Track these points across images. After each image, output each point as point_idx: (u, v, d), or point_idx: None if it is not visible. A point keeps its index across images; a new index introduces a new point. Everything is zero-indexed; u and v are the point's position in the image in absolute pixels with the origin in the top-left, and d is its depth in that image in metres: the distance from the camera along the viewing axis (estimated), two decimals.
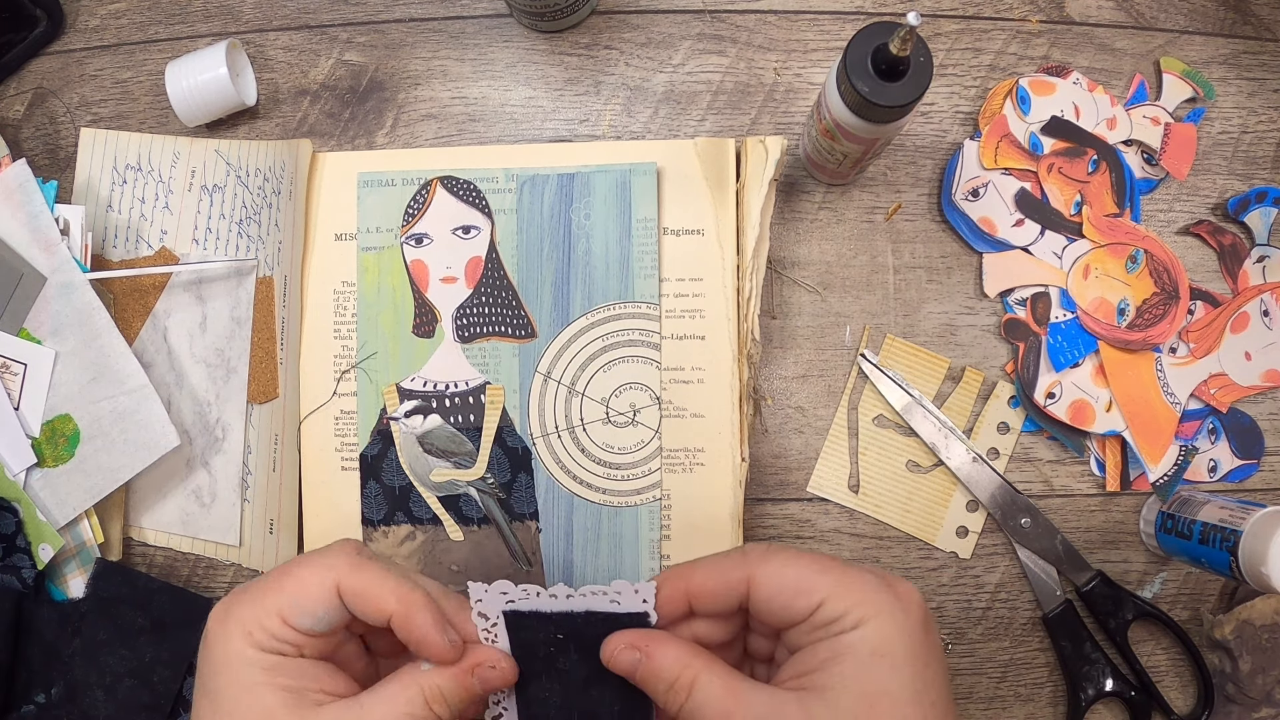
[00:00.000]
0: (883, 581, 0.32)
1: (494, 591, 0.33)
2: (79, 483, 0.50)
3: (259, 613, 0.32)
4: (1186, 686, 0.53)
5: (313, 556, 0.34)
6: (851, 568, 0.32)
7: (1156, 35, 0.56)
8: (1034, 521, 0.52)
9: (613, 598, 0.31)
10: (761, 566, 0.32)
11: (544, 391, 0.52)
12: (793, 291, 0.55)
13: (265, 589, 0.33)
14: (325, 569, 0.33)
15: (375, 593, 0.33)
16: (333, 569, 0.33)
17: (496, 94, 0.56)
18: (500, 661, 0.34)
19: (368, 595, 0.33)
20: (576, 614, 0.32)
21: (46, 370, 0.50)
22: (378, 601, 0.33)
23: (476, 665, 0.33)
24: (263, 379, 0.53)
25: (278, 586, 0.33)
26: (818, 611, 0.31)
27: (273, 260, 0.54)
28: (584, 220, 0.53)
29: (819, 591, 0.31)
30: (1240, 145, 0.55)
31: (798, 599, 0.31)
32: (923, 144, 0.55)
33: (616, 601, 0.31)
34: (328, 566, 0.33)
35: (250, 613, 0.32)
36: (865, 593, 0.31)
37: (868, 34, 0.42)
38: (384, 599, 0.33)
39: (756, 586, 0.32)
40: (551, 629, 0.33)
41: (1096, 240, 0.54)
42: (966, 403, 0.54)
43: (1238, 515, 0.46)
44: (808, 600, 0.31)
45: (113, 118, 0.57)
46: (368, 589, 0.33)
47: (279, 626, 0.32)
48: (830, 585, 0.31)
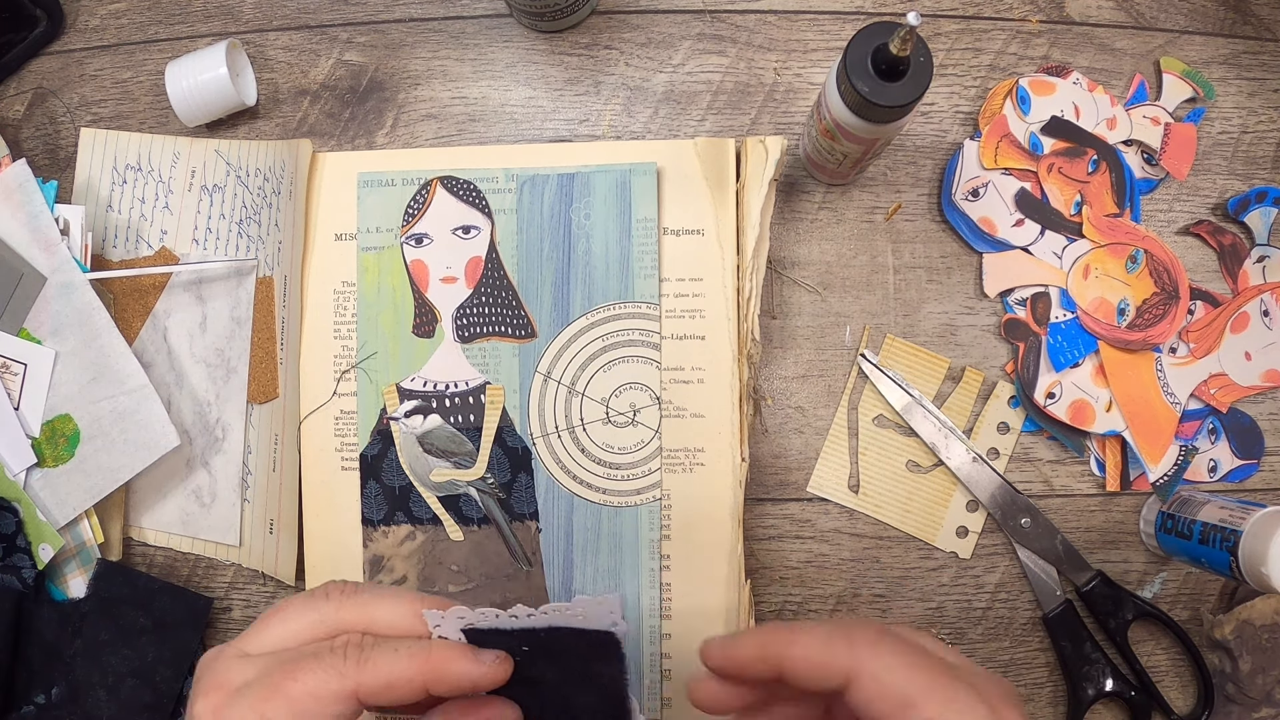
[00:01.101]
0: (989, 707, 0.30)
1: (450, 617, 0.31)
2: (79, 483, 0.50)
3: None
4: (1186, 686, 0.53)
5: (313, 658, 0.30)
6: (959, 682, 0.30)
7: (1156, 35, 0.56)
8: (1034, 521, 0.52)
9: (575, 612, 0.30)
10: (870, 662, 0.30)
11: (544, 391, 0.52)
12: (793, 291, 0.55)
13: (268, 695, 0.29)
14: (334, 673, 0.29)
15: (395, 685, 0.30)
16: (342, 671, 0.29)
17: (496, 94, 0.56)
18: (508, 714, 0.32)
19: (390, 691, 0.30)
20: (539, 630, 0.31)
21: (46, 370, 0.50)
22: (402, 693, 0.30)
23: None
24: (263, 379, 0.53)
25: (282, 694, 0.29)
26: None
27: (273, 260, 0.54)
28: (584, 220, 0.53)
29: (924, 709, 0.29)
30: (1240, 145, 0.55)
31: (902, 711, 0.29)
32: (923, 144, 0.55)
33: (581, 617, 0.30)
34: (335, 670, 0.29)
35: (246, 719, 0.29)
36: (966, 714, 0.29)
37: (868, 34, 0.42)
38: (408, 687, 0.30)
39: (859, 684, 0.30)
40: (515, 643, 0.32)
41: (1096, 240, 0.54)
42: (966, 403, 0.54)
43: (1238, 515, 0.46)
44: (912, 714, 0.29)
45: (113, 118, 0.57)
46: (387, 684, 0.30)
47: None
48: (937, 704, 0.29)
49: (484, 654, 0.31)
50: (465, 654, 0.31)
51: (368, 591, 0.32)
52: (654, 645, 0.51)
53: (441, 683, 0.30)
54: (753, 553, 0.53)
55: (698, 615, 0.51)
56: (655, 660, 0.51)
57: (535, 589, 0.52)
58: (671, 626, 0.51)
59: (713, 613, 0.51)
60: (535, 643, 0.31)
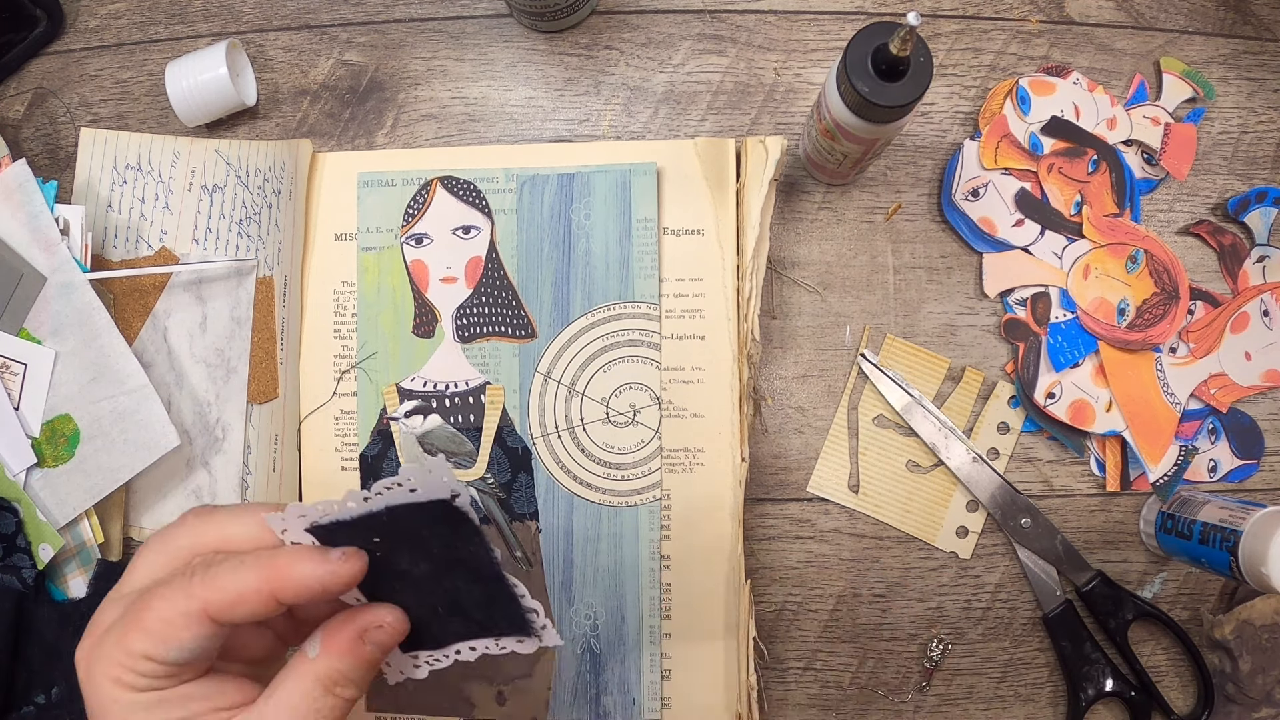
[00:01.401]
0: None
1: (291, 515, 0.30)
2: (79, 483, 0.50)
3: (122, 657, 0.29)
4: (1186, 686, 0.53)
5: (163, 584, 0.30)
6: None
7: (1156, 35, 0.56)
8: (1034, 521, 0.52)
9: (410, 486, 0.28)
10: None
11: (544, 391, 0.52)
12: (793, 291, 0.55)
13: (126, 629, 0.29)
14: (181, 594, 0.29)
15: (243, 597, 0.29)
16: (189, 591, 0.29)
17: (496, 94, 0.56)
18: (385, 616, 0.31)
19: (238, 605, 0.29)
20: (379, 514, 0.29)
21: (46, 370, 0.50)
22: (251, 605, 0.29)
23: (363, 632, 0.31)
24: (263, 379, 0.53)
25: (137, 624, 0.29)
26: None
27: (273, 260, 0.54)
28: (584, 220, 0.53)
29: None
30: (1240, 145, 0.55)
31: None
32: (923, 144, 0.55)
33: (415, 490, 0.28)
34: (183, 591, 0.29)
35: (114, 657, 0.29)
36: None
37: (868, 34, 0.42)
38: (256, 597, 0.29)
39: None
40: (365, 536, 0.30)
41: (1096, 240, 0.54)
42: (966, 403, 0.54)
43: (1238, 515, 0.46)
44: None
45: (113, 118, 0.57)
46: (234, 598, 0.29)
47: (147, 665, 0.29)
48: None
49: (330, 551, 0.30)
50: (309, 554, 0.29)
51: (221, 512, 0.32)
52: (654, 645, 0.51)
53: (288, 587, 0.29)
54: (753, 553, 0.53)
55: (698, 616, 0.51)
56: (655, 660, 0.51)
57: (535, 589, 0.52)
58: (671, 626, 0.51)
59: (713, 614, 0.51)
60: (384, 530, 0.30)
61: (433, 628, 0.32)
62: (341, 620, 0.31)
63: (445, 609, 0.32)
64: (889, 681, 0.53)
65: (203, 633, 0.29)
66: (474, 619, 0.32)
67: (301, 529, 0.30)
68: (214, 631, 0.29)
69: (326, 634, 0.31)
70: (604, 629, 0.51)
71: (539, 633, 0.32)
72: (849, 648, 0.53)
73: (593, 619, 0.52)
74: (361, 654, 0.31)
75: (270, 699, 0.30)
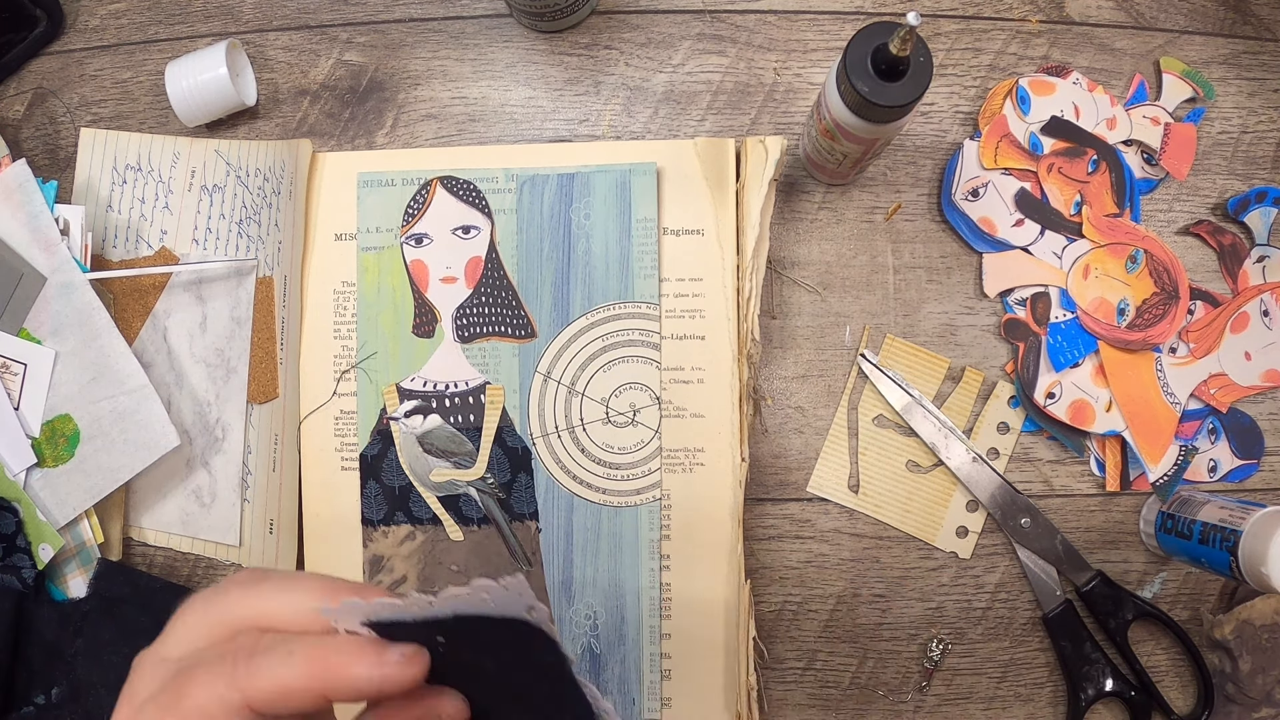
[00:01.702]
0: None
1: (345, 610, 0.27)
2: (79, 483, 0.50)
3: None
4: (1186, 686, 0.53)
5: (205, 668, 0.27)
6: None
7: (1156, 35, 0.56)
8: (1034, 521, 0.52)
9: (479, 598, 0.26)
10: None
11: (544, 391, 0.52)
12: (793, 291, 0.55)
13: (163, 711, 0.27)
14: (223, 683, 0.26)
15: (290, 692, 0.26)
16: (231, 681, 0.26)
17: (496, 94, 0.56)
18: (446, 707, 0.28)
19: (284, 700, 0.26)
20: (445, 619, 0.27)
21: (46, 370, 0.50)
22: (298, 701, 0.26)
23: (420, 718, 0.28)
24: (263, 379, 0.53)
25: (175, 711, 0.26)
26: None
27: (273, 260, 0.54)
28: (584, 220, 0.53)
29: None
30: (1240, 145, 0.55)
31: None
32: (923, 144, 0.55)
33: (489, 602, 0.26)
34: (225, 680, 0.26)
35: None
36: None
37: (868, 34, 0.42)
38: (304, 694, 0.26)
39: None
40: (429, 635, 0.28)
41: (1096, 240, 0.54)
42: (966, 403, 0.54)
43: (1238, 515, 0.46)
44: None
45: (113, 118, 0.57)
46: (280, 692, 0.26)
47: None
48: None
49: (390, 650, 0.27)
50: (365, 651, 0.27)
51: (269, 581, 0.29)
52: (654, 645, 0.51)
53: (340, 687, 0.26)
54: (753, 553, 0.53)
55: (698, 616, 0.51)
56: (655, 660, 0.51)
57: (535, 589, 0.52)
58: (671, 626, 0.51)
59: (713, 613, 0.51)
60: (450, 633, 0.27)
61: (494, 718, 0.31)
62: (399, 705, 0.29)
63: (509, 702, 0.30)
64: (889, 681, 0.53)
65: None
66: (541, 712, 0.30)
67: (356, 623, 0.28)
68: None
69: (380, 714, 0.29)
70: (604, 629, 0.51)
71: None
72: (849, 648, 0.53)
73: (593, 619, 0.52)
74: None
75: None
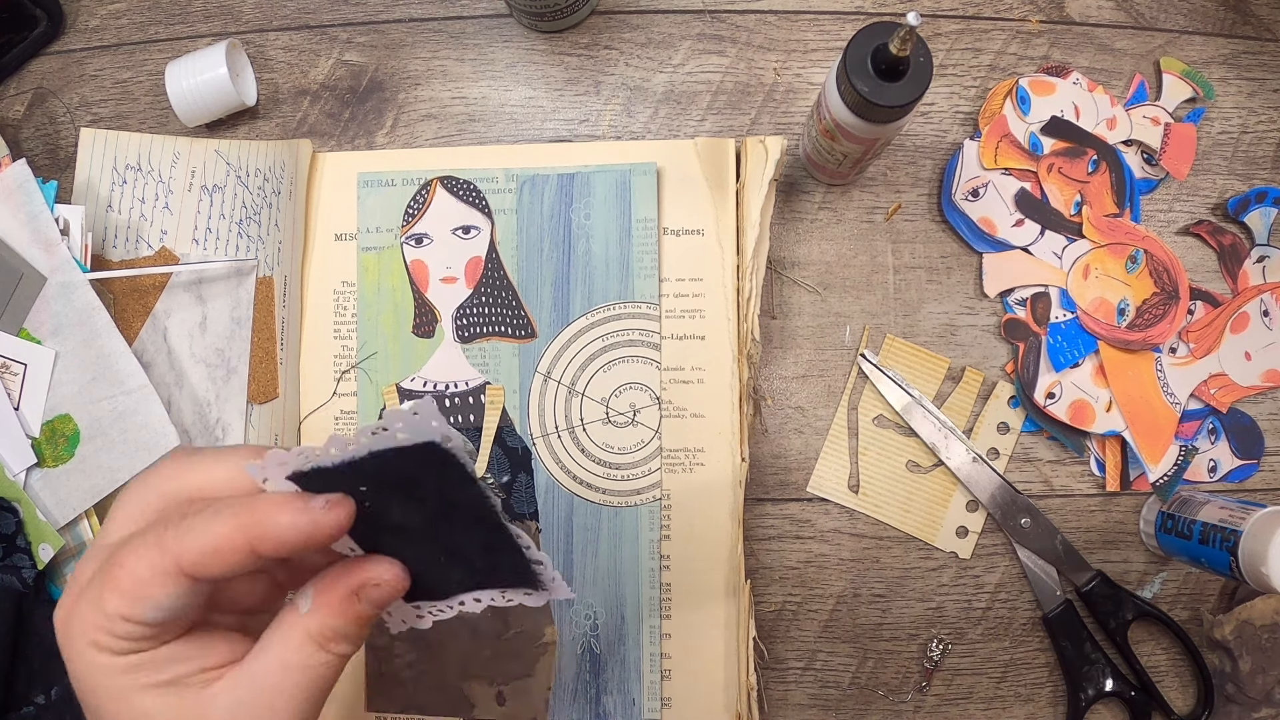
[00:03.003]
0: None
1: (271, 463, 0.27)
2: (79, 483, 0.50)
3: (99, 618, 0.27)
4: (1186, 686, 0.53)
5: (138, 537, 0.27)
6: None
7: (1156, 35, 0.56)
8: (1034, 521, 0.52)
9: (396, 429, 0.25)
10: None
11: (544, 391, 0.52)
12: (793, 291, 0.55)
13: (101, 588, 0.27)
14: (155, 549, 0.26)
15: (219, 550, 0.26)
16: (162, 546, 0.26)
17: (496, 94, 0.56)
18: (382, 572, 0.28)
19: (214, 559, 0.26)
20: (363, 460, 0.26)
21: (46, 370, 0.50)
22: (228, 559, 0.26)
23: (358, 589, 0.28)
24: (263, 379, 0.53)
25: (111, 583, 0.27)
26: None
27: (273, 260, 0.54)
28: (584, 220, 0.53)
29: None
30: (1240, 145, 0.55)
31: None
32: (923, 144, 0.55)
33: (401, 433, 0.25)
34: (156, 545, 0.26)
35: (90, 619, 0.27)
36: None
37: (868, 34, 0.43)
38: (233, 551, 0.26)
39: None
40: (351, 483, 0.27)
41: (1096, 240, 0.54)
42: (966, 403, 0.54)
43: (1238, 515, 0.46)
44: None
45: (113, 118, 0.57)
46: (209, 551, 0.26)
47: (125, 626, 0.27)
48: None
49: (313, 499, 0.27)
50: (289, 502, 0.27)
51: (204, 455, 0.29)
52: (654, 645, 0.51)
53: (267, 539, 0.26)
54: (753, 553, 0.53)
55: (698, 616, 0.51)
56: (655, 660, 0.51)
57: None
58: (671, 626, 0.51)
59: (713, 613, 0.51)
60: (372, 478, 0.27)
61: (433, 577, 0.30)
62: (335, 574, 0.29)
63: (446, 557, 0.30)
64: (889, 681, 0.53)
65: (179, 589, 0.27)
66: (476, 567, 0.30)
67: (283, 477, 0.27)
68: (192, 587, 0.27)
69: (319, 589, 0.29)
70: (604, 629, 0.51)
71: (548, 585, 0.30)
72: (849, 648, 0.53)
73: (593, 619, 0.52)
74: (356, 611, 0.29)
75: (260, 656, 0.28)
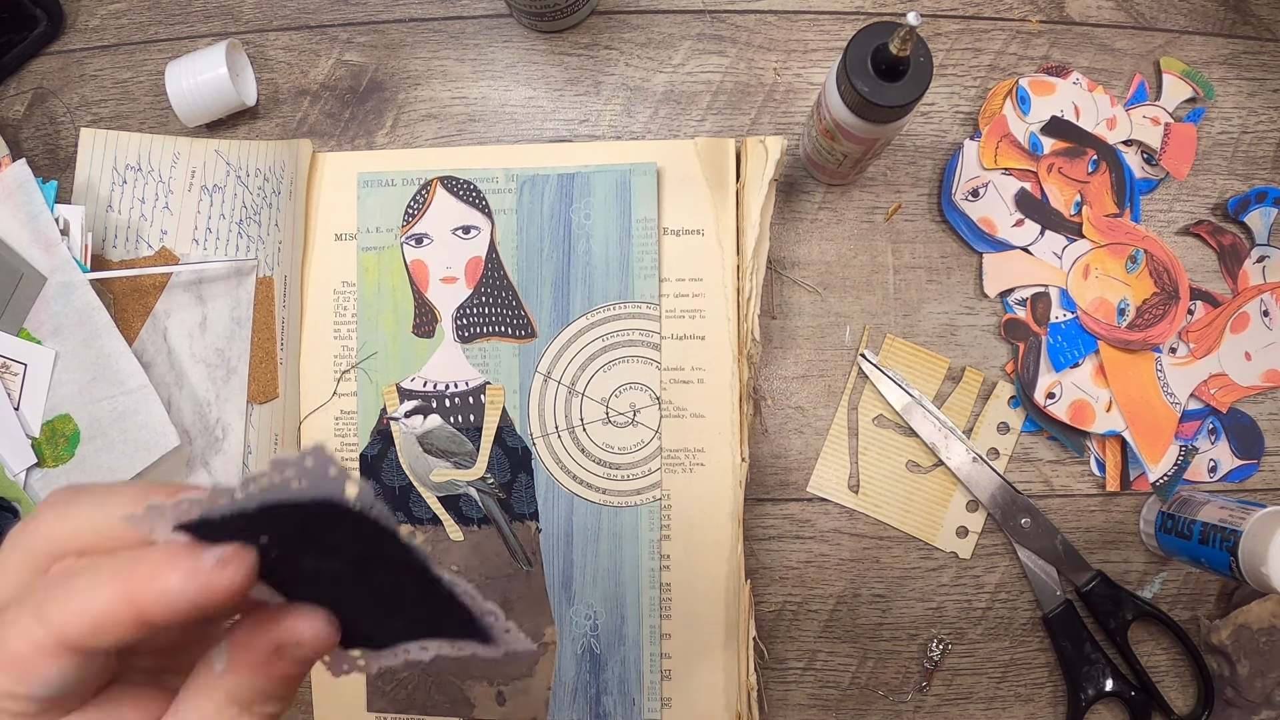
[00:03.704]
0: None
1: (153, 514, 0.23)
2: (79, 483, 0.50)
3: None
4: (1186, 687, 0.53)
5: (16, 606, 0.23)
6: None
7: (1156, 35, 0.56)
8: (1034, 521, 0.52)
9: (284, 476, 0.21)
10: None
11: (544, 391, 0.52)
12: (793, 291, 0.55)
13: None
14: (34, 621, 0.22)
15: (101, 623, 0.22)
16: (41, 617, 0.22)
17: (496, 94, 0.56)
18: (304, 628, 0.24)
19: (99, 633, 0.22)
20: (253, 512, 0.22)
21: (46, 370, 0.50)
22: (113, 631, 0.22)
23: (278, 647, 0.24)
24: (263, 379, 0.53)
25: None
26: None
27: (273, 260, 0.54)
28: (584, 220, 0.53)
29: None
30: (1240, 145, 0.55)
31: None
32: (923, 144, 0.55)
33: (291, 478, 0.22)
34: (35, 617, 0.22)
35: None
36: None
37: (868, 34, 0.42)
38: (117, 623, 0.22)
39: None
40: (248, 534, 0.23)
41: (1096, 240, 0.54)
42: (966, 403, 0.54)
43: (1238, 515, 0.46)
44: None
45: (113, 118, 0.57)
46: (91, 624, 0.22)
47: (16, 704, 0.23)
48: None
49: (204, 554, 0.22)
50: (176, 558, 0.22)
51: (81, 498, 0.25)
52: (654, 645, 0.51)
53: (155, 604, 0.22)
54: (753, 553, 0.53)
55: (698, 615, 0.51)
56: (655, 660, 0.51)
57: (535, 589, 0.52)
58: (671, 626, 0.51)
59: (713, 614, 0.51)
60: (270, 529, 0.23)
61: (370, 625, 0.26)
62: (252, 627, 0.24)
63: (381, 606, 0.26)
64: (889, 681, 0.53)
65: (67, 664, 0.23)
66: (417, 617, 0.26)
67: (168, 530, 0.23)
68: (84, 660, 0.23)
69: (234, 645, 0.24)
70: (604, 629, 0.51)
71: (499, 638, 0.26)
72: (849, 648, 0.53)
73: (593, 619, 0.52)
74: (277, 670, 0.24)
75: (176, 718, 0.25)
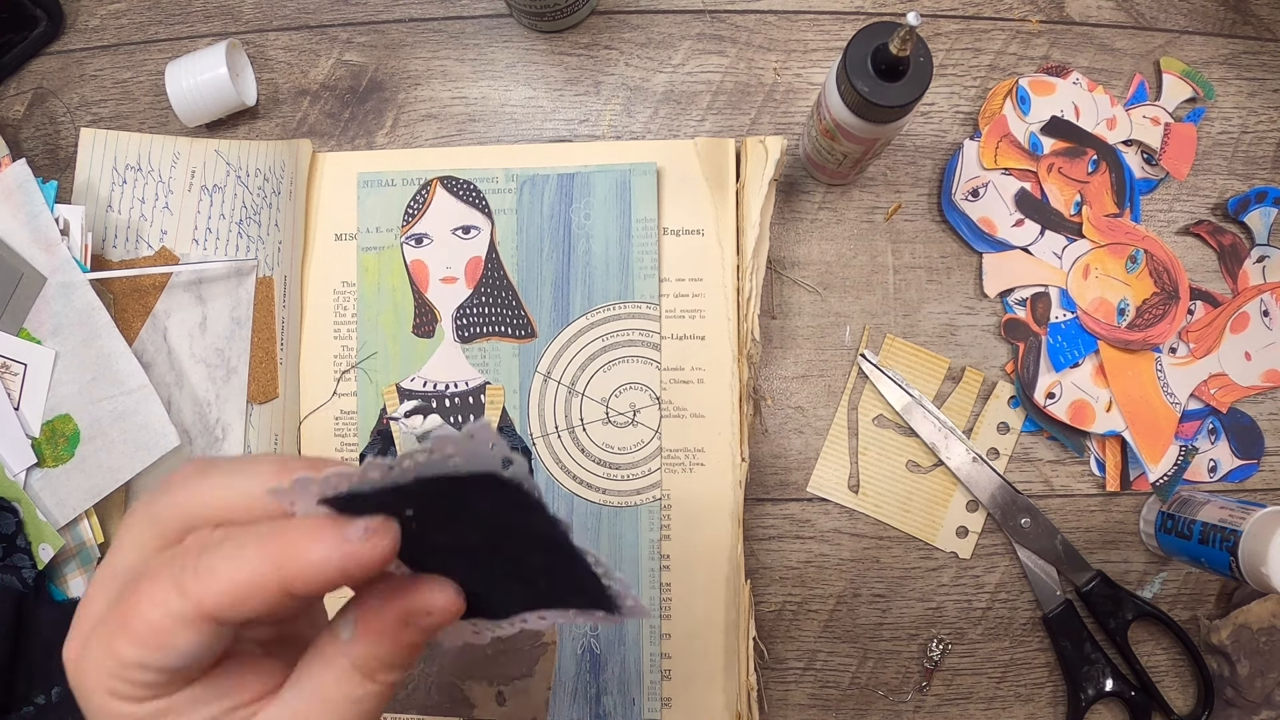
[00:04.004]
0: None
1: (298, 490, 0.23)
2: (79, 483, 0.50)
3: (113, 666, 0.23)
4: (1186, 687, 0.53)
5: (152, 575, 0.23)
6: None
7: (1156, 35, 0.56)
8: (1034, 521, 0.52)
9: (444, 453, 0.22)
10: None
11: (544, 391, 0.52)
12: (793, 291, 0.55)
13: (113, 632, 0.23)
14: (173, 591, 0.22)
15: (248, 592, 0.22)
16: (182, 588, 0.22)
17: (496, 94, 0.56)
18: (435, 598, 0.24)
19: (243, 603, 0.22)
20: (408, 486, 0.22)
21: (46, 370, 0.50)
22: (258, 601, 0.22)
23: (408, 616, 0.24)
24: (263, 379, 0.53)
25: (125, 629, 0.23)
26: None
27: (273, 260, 0.54)
28: (584, 220, 0.53)
29: None
30: (1240, 145, 0.55)
31: None
32: (923, 144, 0.55)
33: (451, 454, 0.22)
34: (174, 587, 0.23)
35: (104, 665, 0.23)
36: None
37: (868, 34, 0.42)
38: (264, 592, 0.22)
39: None
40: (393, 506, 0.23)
41: (1096, 240, 0.54)
42: (966, 403, 0.54)
43: (1238, 515, 0.46)
44: None
45: (113, 118, 0.57)
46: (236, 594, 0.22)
47: (143, 674, 0.23)
48: None
49: (350, 525, 0.23)
50: (323, 531, 0.22)
51: (216, 470, 0.25)
52: (654, 645, 0.51)
53: (300, 575, 0.22)
54: (753, 553, 0.53)
55: (698, 615, 0.51)
56: (655, 660, 0.51)
57: None
58: (671, 626, 0.51)
59: (713, 613, 0.51)
60: (417, 503, 0.23)
61: (493, 596, 0.26)
62: (381, 597, 0.25)
63: (507, 577, 0.26)
64: (889, 681, 0.53)
65: (203, 635, 0.23)
66: (540, 588, 0.26)
67: (313, 502, 0.24)
68: (216, 631, 0.23)
69: (363, 613, 0.25)
70: (604, 629, 0.51)
71: (623, 607, 0.26)
72: (849, 648, 0.53)
73: None
74: (405, 639, 0.25)
75: (298, 690, 0.25)
